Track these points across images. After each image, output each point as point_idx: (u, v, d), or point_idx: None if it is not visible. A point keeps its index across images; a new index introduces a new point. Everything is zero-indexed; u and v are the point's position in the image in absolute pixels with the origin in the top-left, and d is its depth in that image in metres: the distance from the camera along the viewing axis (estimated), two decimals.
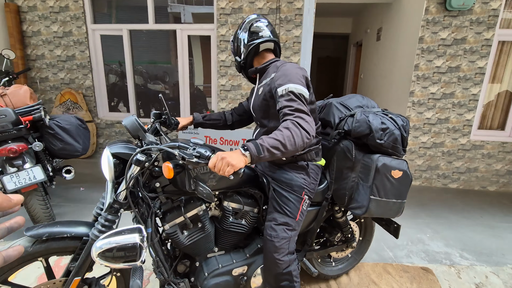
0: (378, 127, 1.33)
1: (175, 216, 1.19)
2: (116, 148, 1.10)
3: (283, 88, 1.15)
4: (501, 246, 2.38)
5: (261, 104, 1.30)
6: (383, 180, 1.34)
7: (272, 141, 1.01)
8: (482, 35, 3.14)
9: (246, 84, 3.62)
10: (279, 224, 1.28)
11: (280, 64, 1.29)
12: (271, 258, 1.27)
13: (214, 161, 0.95)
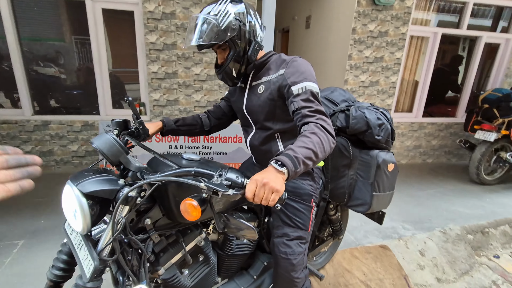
0: (375, 123, 1.31)
1: (171, 255, 0.96)
2: (91, 185, 0.80)
3: (299, 87, 0.99)
4: (426, 212, 2.83)
5: (265, 104, 1.10)
6: (382, 175, 1.34)
7: (305, 151, 0.84)
8: (399, 29, 3.55)
9: (184, 71, 3.17)
10: (292, 239, 1.15)
11: (288, 58, 1.08)
12: (288, 278, 1.15)
13: (253, 188, 0.74)
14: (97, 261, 0.78)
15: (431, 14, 3.77)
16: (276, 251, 1.15)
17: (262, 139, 1.17)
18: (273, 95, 1.06)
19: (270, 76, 1.09)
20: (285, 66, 1.05)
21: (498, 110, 3.35)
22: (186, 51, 3.09)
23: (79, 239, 0.86)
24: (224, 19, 1.00)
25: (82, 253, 0.82)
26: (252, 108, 1.15)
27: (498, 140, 3.35)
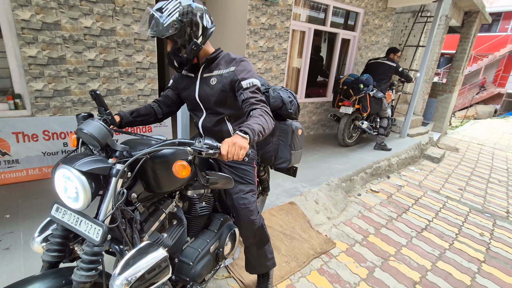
0: (288, 100, 1.78)
1: (152, 222, 1.13)
2: (87, 165, 0.92)
3: (247, 82, 1.29)
4: (315, 172, 3.64)
5: (217, 94, 1.35)
6: (295, 138, 1.84)
7: (258, 126, 1.13)
8: (284, 23, 4.18)
9: (73, 57, 2.76)
10: (247, 193, 1.48)
11: (237, 57, 1.36)
12: (248, 221, 1.48)
13: (226, 147, 0.98)
14: (105, 226, 0.91)
15: (305, 11, 4.58)
16: (236, 204, 1.45)
17: (214, 122, 1.42)
18: (225, 87, 1.33)
19: (221, 71, 1.34)
20: (235, 64, 1.32)
21: (352, 90, 4.54)
22: (75, 33, 2.69)
23: (76, 217, 0.96)
24: (167, 18, 1.17)
25: (83, 227, 0.93)
26: (205, 96, 1.37)
27: (353, 112, 4.56)
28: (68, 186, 0.93)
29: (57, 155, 2.83)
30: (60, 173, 0.93)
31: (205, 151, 0.96)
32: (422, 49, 6.04)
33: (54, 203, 1.02)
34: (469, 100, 17.19)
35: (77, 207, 0.93)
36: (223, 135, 1.43)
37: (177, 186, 1.20)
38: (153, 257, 0.95)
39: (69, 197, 0.94)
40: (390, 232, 2.81)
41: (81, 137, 1.03)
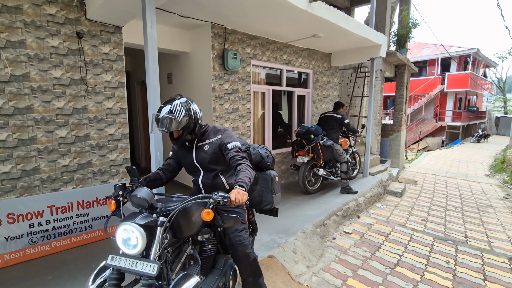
0: (265, 155, 2.24)
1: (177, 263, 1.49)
2: (142, 220, 1.31)
3: (231, 144, 1.78)
4: (290, 221, 3.77)
5: (211, 156, 1.82)
6: (274, 183, 2.25)
7: (247, 178, 1.59)
8: (245, 87, 4.69)
9: (44, 136, 2.84)
10: (241, 231, 1.83)
11: (220, 128, 1.89)
12: (244, 255, 1.81)
13: (234, 196, 1.42)
14: (159, 262, 1.26)
15: (263, 75, 5.21)
16: (233, 241, 1.80)
17: (210, 177, 1.88)
18: (216, 150, 1.81)
19: (211, 139, 1.83)
20: (220, 134, 1.83)
21: (305, 140, 4.96)
22: (47, 115, 2.82)
23: (131, 261, 1.29)
24: (179, 116, 1.67)
25: (139, 267, 1.27)
26: (201, 159, 1.84)
27: (309, 161, 4.91)
28: (129, 236, 1.30)
29: (21, 238, 2.68)
30: (122, 228, 1.30)
31: (221, 200, 1.38)
32: (367, 98, 6.96)
33: (109, 254, 1.35)
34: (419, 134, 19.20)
35: (135, 252, 1.30)
36: (219, 187, 1.88)
37: (194, 232, 1.58)
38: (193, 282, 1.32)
39: (128, 245, 1.31)
40: (366, 273, 2.93)
41: (134, 200, 1.39)
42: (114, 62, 3.26)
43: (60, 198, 2.91)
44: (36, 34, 2.73)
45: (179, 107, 1.67)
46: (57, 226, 2.88)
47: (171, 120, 1.63)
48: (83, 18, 2.99)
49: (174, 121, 1.64)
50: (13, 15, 2.60)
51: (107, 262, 1.33)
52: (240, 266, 1.85)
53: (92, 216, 3.10)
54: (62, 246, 2.90)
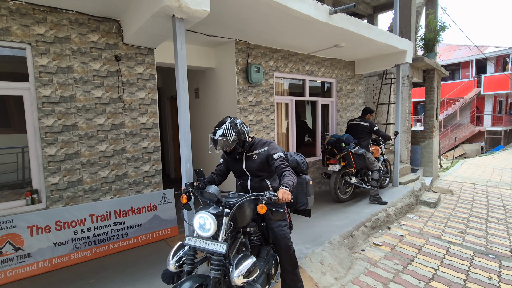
0: (301, 161, 2.60)
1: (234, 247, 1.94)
2: (214, 210, 1.72)
3: (277, 155, 2.13)
4: (317, 231, 3.74)
5: (259, 165, 2.19)
6: (309, 187, 2.55)
7: (291, 182, 1.91)
8: (269, 99, 4.80)
9: (87, 150, 3.13)
10: (283, 226, 2.17)
11: (266, 141, 2.24)
12: (286, 246, 2.13)
13: (281, 195, 1.75)
14: (227, 243, 1.66)
15: (286, 86, 5.30)
16: (277, 234, 2.12)
17: (257, 181, 2.26)
18: (263, 160, 2.17)
19: (259, 151, 2.19)
20: (267, 146, 2.18)
21: (336, 149, 4.94)
22: (90, 131, 3.13)
23: (204, 241, 1.69)
24: (230, 137, 2.05)
25: (211, 246, 1.67)
26: (250, 167, 2.22)
27: (341, 169, 4.86)
28: (204, 222, 1.70)
29: (67, 244, 2.94)
30: (198, 216, 1.71)
31: (272, 197, 1.71)
32: (394, 105, 6.76)
33: (186, 236, 1.77)
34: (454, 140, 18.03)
35: (208, 234, 1.69)
36: (264, 189, 2.21)
37: (246, 223, 1.96)
38: (252, 260, 1.66)
39: (203, 229, 1.70)
40: (398, 286, 2.81)
41: (205, 195, 1.77)
42: (147, 81, 3.54)
43: (100, 207, 3.16)
44: (81, 60, 3.07)
45: (229, 129, 2.04)
46: (97, 233, 3.11)
47: (224, 141, 2.03)
48: (120, 43, 3.30)
49: (226, 141, 2.02)
50: (63, 44, 2.95)
51: (184, 242, 1.77)
52: (282, 256, 2.16)
53: (128, 224, 3.32)
54: (101, 252, 3.12)
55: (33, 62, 2.81)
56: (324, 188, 5.91)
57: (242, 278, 1.60)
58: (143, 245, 3.37)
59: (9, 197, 2.89)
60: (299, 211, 2.59)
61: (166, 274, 1.81)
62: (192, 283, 1.55)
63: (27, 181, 3.00)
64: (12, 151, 3.05)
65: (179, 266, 1.72)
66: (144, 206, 3.45)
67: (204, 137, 5.26)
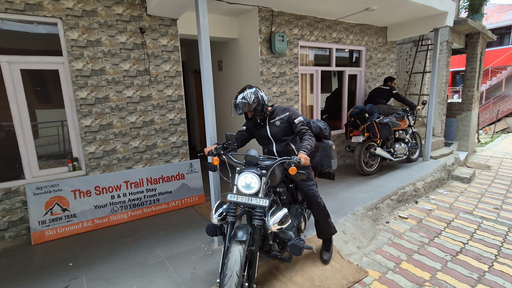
0: (323, 127, 2.76)
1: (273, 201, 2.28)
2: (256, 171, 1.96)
3: (298, 119, 2.30)
4: (340, 202, 3.74)
5: (282, 129, 2.34)
6: (331, 151, 2.79)
7: (309, 146, 2.14)
8: (293, 70, 4.66)
9: (118, 122, 3.30)
10: (312, 186, 2.39)
11: (286, 107, 2.38)
12: (316, 203, 2.40)
13: (303, 159, 1.99)
14: (270, 198, 2.00)
15: (311, 56, 5.09)
16: (307, 193, 2.36)
17: (283, 146, 2.40)
18: (286, 124, 2.33)
19: (281, 116, 2.34)
20: (287, 111, 2.33)
21: (359, 120, 4.75)
22: (120, 103, 3.27)
23: (246, 197, 1.94)
24: (250, 100, 2.20)
25: (254, 201, 1.92)
26: (274, 132, 2.36)
27: (365, 141, 4.71)
28: (247, 181, 1.94)
29: (106, 207, 3.22)
30: (243, 175, 1.96)
31: (299, 161, 1.96)
32: (429, 74, 6.27)
33: (228, 193, 1.99)
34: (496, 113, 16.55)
35: (252, 191, 1.93)
36: (290, 153, 2.39)
37: (276, 183, 2.18)
38: (284, 212, 1.91)
39: (248, 187, 1.94)
40: (423, 258, 2.79)
41: (247, 158, 2.00)
42: (171, 53, 3.56)
43: (133, 175, 3.38)
44: (108, 33, 3.14)
45: (249, 94, 2.20)
46: (131, 198, 3.37)
47: (245, 104, 2.18)
48: (144, 15, 3.31)
49: (246, 104, 2.18)
50: (90, 17, 3.02)
51: (227, 198, 1.99)
52: (314, 211, 2.45)
53: (159, 191, 3.54)
54: (136, 216, 3.40)
55: (65, 36, 2.93)
56: (349, 161, 5.80)
57: (277, 225, 1.86)
58: (173, 211, 3.60)
59: (54, 165, 3.18)
60: (323, 174, 2.84)
61: (210, 227, 2.07)
62: (243, 230, 1.81)
63: (68, 152, 3.26)
64: (53, 124, 3.30)
65: (221, 220, 1.97)
66: (173, 175, 3.64)
67: (227, 110, 5.29)
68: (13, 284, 2.27)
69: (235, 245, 1.75)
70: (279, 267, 2.47)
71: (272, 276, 2.35)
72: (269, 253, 2.16)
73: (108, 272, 2.37)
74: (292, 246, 1.97)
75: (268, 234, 2.08)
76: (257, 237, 1.89)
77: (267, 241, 2.09)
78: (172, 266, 2.46)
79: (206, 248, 2.74)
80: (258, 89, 2.27)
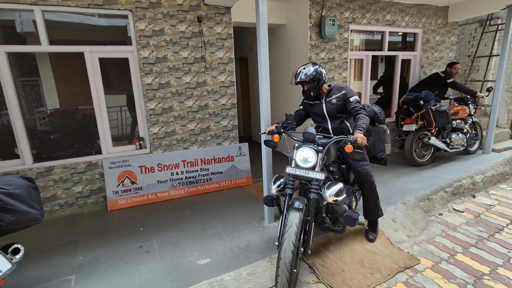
0: (378, 111, 2.82)
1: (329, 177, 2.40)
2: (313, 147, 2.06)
3: (353, 98, 2.37)
4: (389, 191, 3.67)
5: (338, 107, 2.44)
6: (386, 135, 2.80)
7: (364, 125, 2.18)
8: (342, 55, 4.55)
9: (178, 106, 3.59)
10: (366, 165, 2.48)
11: (343, 86, 2.48)
12: (369, 182, 2.48)
13: (360, 139, 2.03)
14: (325, 172, 2.07)
15: (362, 40, 4.90)
16: (361, 173, 2.45)
17: (338, 123, 2.50)
18: (342, 102, 2.42)
19: (337, 95, 2.44)
20: (344, 90, 2.42)
21: (413, 107, 4.50)
22: (179, 88, 3.55)
23: (303, 171, 2.05)
24: (309, 71, 2.36)
25: (311, 174, 2.03)
26: (330, 110, 2.47)
27: (418, 130, 4.46)
28: (305, 155, 2.05)
29: (166, 183, 3.58)
30: (301, 150, 2.07)
31: (356, 140, 2.01)
32: (497, 58, 5.64)
33: (287, 167, 2.12)
34: None
35: (309, 165, 2.04)
36: (344, 131, 2.49)
37: (331, 161, 2.28)
38: (340, 185, 2.04)
39: (305, 161, 2.05)
40: (481, 252, 2.66)
41: (305, 135, 2.11)
42: (225, 40, 3.73)
43: (189, 155, 3.69)
44: (170, 22, 3.39)
45: (311, 67, 2.36)
46: (188, 176, 3.69)
47: (304, 73, 2.34)
48: (202, 4, 3.49)
49: (305, 74, 2.33)
50: (155, 9, 3.29)
51: (286, 171, 2.13)
52: (365, 190, 2.51)
53: (211, 171, 3.82)
54: (191, 192, 3.72)
55: (134, 27, 3.24)
56: (398, 150, 5.57)
57: (333, 197, 1.99)
58: (224, 190, 3.86)
59: (124, 144, 3.60)
60: (375, 158, 2.83)
61: (267, 198, 2.26)
62: (300, 200, 1.94)
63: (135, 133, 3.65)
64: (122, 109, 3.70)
65: (279, 191, 2.15)
66: (223, 157, 3.88)
67: (273, 96, 5.37)
68: (100, 241, 2.70)
69: (293, 211, 1.88)
70: (328, 246, 2.57)
71: (322, 254, 2.46)
72: (322, 225, 2.28)
73: (174, 238, 2.69)
74: (347, 217, 2.07)
75: (321, 208, 2.19)
76: (312, 209, 2.01)
77: (319, 214, 2.22)
78: (228, 237, 2.70)
79: (257, 224, 2.94)
80: (320, 66, 2.40)
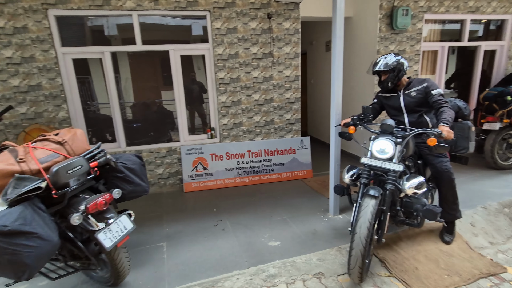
0: (463, 106, 2.61)
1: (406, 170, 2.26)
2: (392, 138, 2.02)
3: (436, 91, 2.23)
4: (465, 195, 3.37)
5: (418, 100, 2.32)
6: (470, 132, 2.55)
7: (449, 118, 2.03)
8: (414, 47, 4.27)
9: (246, 99, 3.81)
10: (446, 162, 2.34)
11: (424, 79, 2.34)
12: (449, 179, 2.34)
13: (445, 132, 1.91)
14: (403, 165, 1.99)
15: (438, 30, 4.53)
16: (440, 169, 2.31)
17: (416, 117, 2.38)
18: (422, 95, 2.29)
19: (417, 87, 2.32)
20: (426, 82, 2.29)
21: (497, 104, 4.00)
22: (248, 83, 3.76)
23: (380, 161, 2.01)
24: (390, 61, 2.30)
25: (388, 165, 1.98)
26: (408, 103, 2.36)
27: (503, 129, 3.96)
28: (382, 146, 2.02)
29: (232, 170, 3.85)
30: (378, 141, 2.04)
31: (441, 133, 1.88)
32: None
33: (362, 158, 2.11)
34: None
35: (387, 156, 2.00)
36: (423, 124, 2.35)
37: (408, 154, 2.20)
38: (420, 178, 1.95)
39: (382, 152, 2.01)
40: None
41: (383, 127, 2.08)
42: (292, 35, 3.82)
43: (254, 146, 3.90)
44: (243, 20, 3.60)
45: (392, 56, 2.30)
46: (252, 165, 3.91)
47: (384, 63, 2.28)
48: (272, 1, 3.63)
49: (385, 63, 2.27)
50: (230, 8, 3.53)
51: (361, 161, 2.12)
52: (444, 188, 2.38)
53: (273, 162, 3.98)
54: (255, 181, 3.94)
55: (211, 26, 3.53)
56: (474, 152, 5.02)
57: (413, 189, 1.92)
58: (285, 181, 4.00)
59: (197, 133, 3.97)
60: (455, 157, 2.65)
61: (338, 187, 2.33)
62: (376, 189, 1.92)
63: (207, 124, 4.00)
64: None
65: (352, 180, 2.19)
66: (286, 149, 4.01)
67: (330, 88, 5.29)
68: (181, 217, 3.06)
69: (368, 199, 1.87)
70: (399, 243, 2.51)
71: (393, 250, 2.43)
72: (395, 217, 2.21)
73: (244, 220, 2.92)
74: (427, 211, 1.98)
75: (396, 200, 2.14)
76: (388, 199, 1.98)
77: (394, 207, 2.16)
78: (294, 224, 2.82)
79: (322, 215, 3.00)
80: (403, 58, 2.32)
